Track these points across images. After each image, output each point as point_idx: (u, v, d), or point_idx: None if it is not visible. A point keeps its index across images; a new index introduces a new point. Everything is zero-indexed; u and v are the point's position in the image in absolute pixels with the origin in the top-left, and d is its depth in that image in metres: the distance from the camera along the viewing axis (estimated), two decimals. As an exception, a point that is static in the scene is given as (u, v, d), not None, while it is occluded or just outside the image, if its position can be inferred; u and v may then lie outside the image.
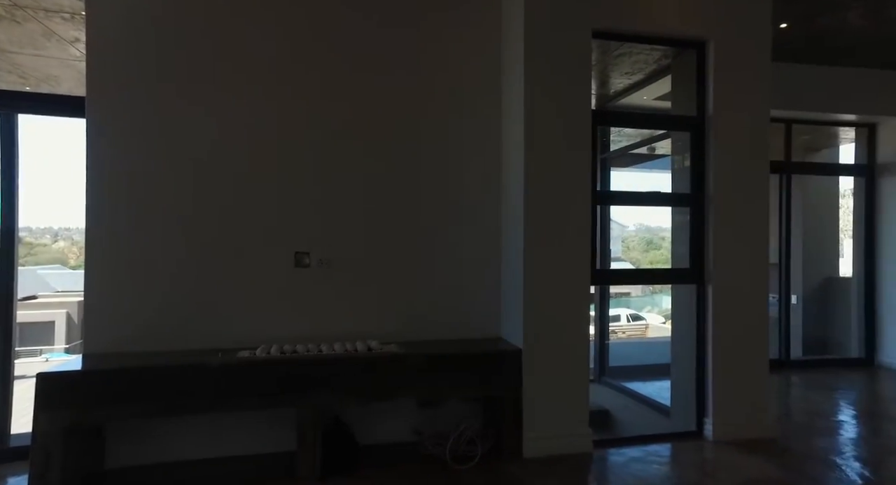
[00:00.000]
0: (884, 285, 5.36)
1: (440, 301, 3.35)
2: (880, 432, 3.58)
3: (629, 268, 4.48)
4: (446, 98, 3.39)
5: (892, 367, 5.25)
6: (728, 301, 3.36)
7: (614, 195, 4.04)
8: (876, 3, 3.80)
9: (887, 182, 5.35)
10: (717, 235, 3.36)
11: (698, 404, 3.42)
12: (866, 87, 5.13)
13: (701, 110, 3.43)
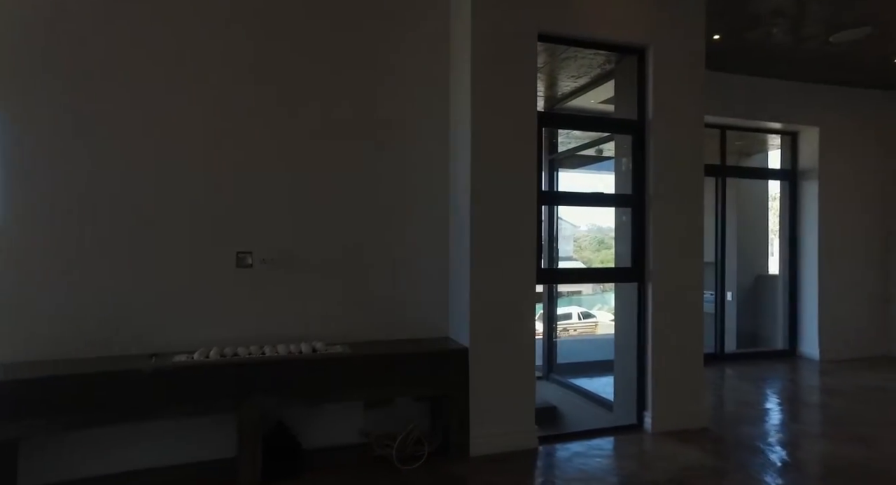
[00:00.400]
0: (804, 282, 5.74)
1: (388, 301, 3.32)
2: (799, 418, 3.84)
3: (575, 267, 4.60)
4: (395, 100, 3.35)
5: (811, 357, 5.64)
6: (666, 299, 3.51)
7: (560, 196, 4.14)
8: (794, 21, 4.07)
9: (807, 186, 5.74)
10: (657, 235, 3.50)
11: (639, 398, 3.55)
12: (789, 98, 5.49)
13: (641, 114, 3.56)
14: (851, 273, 5.74)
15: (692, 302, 3.58)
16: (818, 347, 5.59)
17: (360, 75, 3.28)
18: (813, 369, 5.23)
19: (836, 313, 5.64)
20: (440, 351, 3.08)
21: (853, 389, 4.51)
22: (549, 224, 4.80)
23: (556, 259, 4.83)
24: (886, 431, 3.50)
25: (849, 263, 5.73)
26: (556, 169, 4.92)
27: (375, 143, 3.31)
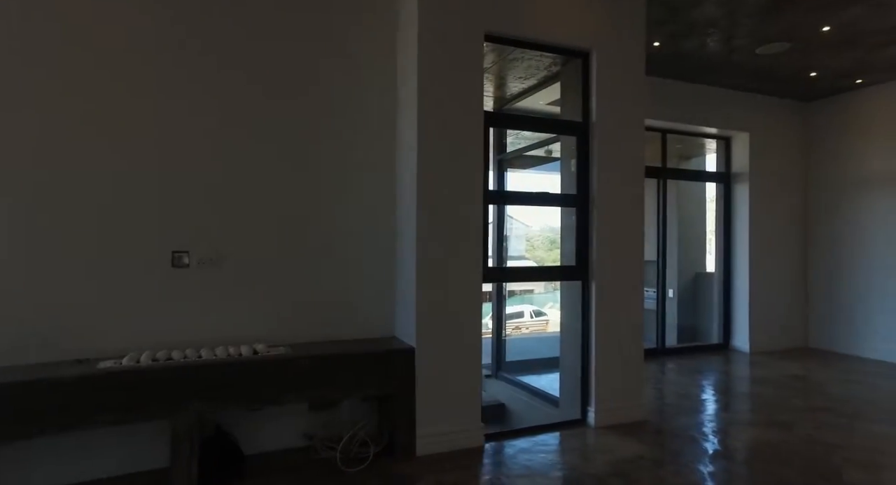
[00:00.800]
0: (736, 279, 6.08)
1: (333, 302, 3.27)
2: (730, 407, 4.06)
3: (521, 265, 4.68)
4: (342, 97, 3.31)
5: (742, 350, 5.98)
6: (609, 297, 3.61)
7: (507, 195, 4.17)
8: (726, 33, 4.29)
9: (739, 189, 6.08)
10: (600, 234, 3.60)
11: (582, 393, 3.64)
12: (722, 105, 5.79)
13: (585, 116, 3.65)
14: (777, 271, 6.13)
15: (633, 300, 3.71)
16: (748, 340, 5.93)
17: (302, 68, 3.21)
18: (744, 361, 5.54)
19: (764, 308, 6.01)
20: (386, 351, 3.05)
21: (777, 378, 4.81)
22: (499, 223, 4.86)
23: (506, 258, 4.89)
24: (803, 416, 3.75)
25: (775, 262, 6.11)
26: (505, 169, 4.98)
27: (322, 141, 3.24)
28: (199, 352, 2.73)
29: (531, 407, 4.37)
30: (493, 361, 5.04)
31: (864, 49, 4.67)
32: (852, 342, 5.80)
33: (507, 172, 5.05)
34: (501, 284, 4.91)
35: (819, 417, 3.76)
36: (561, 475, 2.84)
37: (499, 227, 4.82)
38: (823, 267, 6.13)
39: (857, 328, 5.76)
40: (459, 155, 3.18)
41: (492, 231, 4.96)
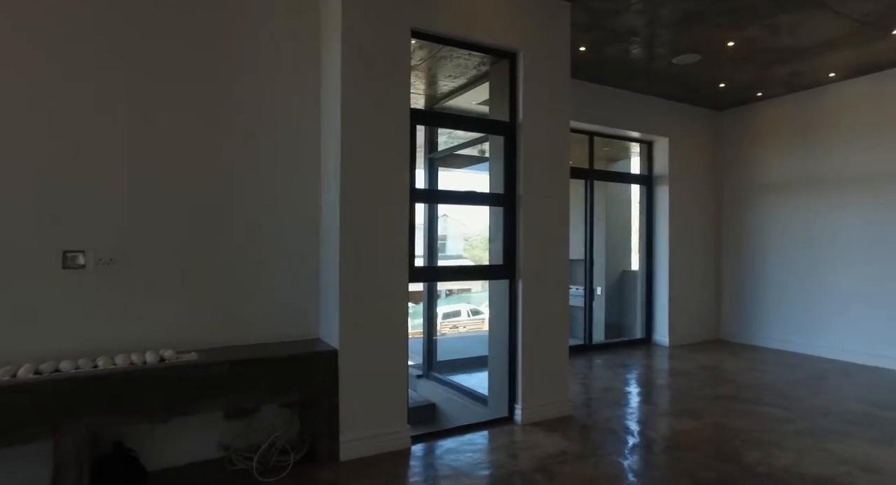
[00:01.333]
0: (657, 277, 6.41)
1: (252, 303, 3.10)
2: (649, 399, 4.25)
3: (450, 265, 4.69)
4: (263, 92, 3.14)
5: (662, 343, 6.31)
6: (535, 294, 3.67)
7: (434, 193, 4.14)
8: (645, 41, 4.50)
9: (660, 191, 6.41)
10: (527, 233, 3.65)
11: (510, 391, 3.68)
12: (644, 110, 6.08)
13: (513, 116, 3.69)
14: (694, 268, 6.52)
15: (559, 298, 3.79)
16: (668, 334, 6.26)
17: (221, 57, 3.02)
18: (663, 354, 5.84)
19: (682, 304, 6.37)
20: (307, 354, 2.93)
21: (693, 369, 5.10)
22: (430, 222, 4.83)
23: (437, 257, 4.87)
24: (713, 404, 4.00)
25: (691, 260, 6.50)
26: (436, 168, 4.96)
27: (234, 134, 3.07)
28: (96, 361, 2.50)
29: (461, 407, 4.37)
30: (424, 362, 5.01)
31: (761, 65, 5.05)
32: (756, 334, 6.27)
33: (438, 171, 5.03)
34: (433, 283, 4.88)
35: (726, 404, 4.01)
36: (486, 474, 2.84)
37: (430, 226, 4.79)
38: (732, 264, 6.59)
39: (759, 321, 6.23)
40: (385, 153, 3.11)
41: (424, 230, 4.93)
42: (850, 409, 3.91)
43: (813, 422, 3.62)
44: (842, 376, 4.88)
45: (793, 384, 4.57)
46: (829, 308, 5.61)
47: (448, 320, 17.12)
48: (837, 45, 4.60)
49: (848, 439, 3.31)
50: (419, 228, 4.85)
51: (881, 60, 4.97)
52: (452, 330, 15.93)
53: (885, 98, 5.21)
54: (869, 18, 4.09)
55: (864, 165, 5.37)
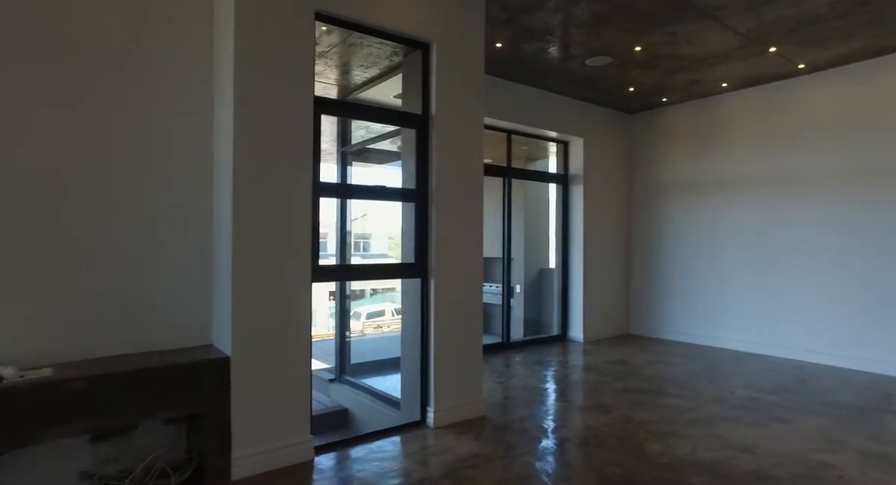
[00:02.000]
0: (572, 274, 6.58)
1: (133, 309, 2.75)
2: (561, 396, 4.31)
3: (358, 263, 4.51)
4: (146, 81, 2.78)
5: (577, 339, 6.49)
6: (448, 293, 3.57)
7: (340, 188, 3.89)
8: (561, 41, 4.55)
9: (575, 190, 6.59)
10: (440, 230, 3.54)
11: (422, 394, 3.55)
12: (561, 111, 6.21)
13: (425, 109, 3.57)
14: (606, 265, 6.76)
15: (473, 297, 3.71)
16: (582, 330, 6.44)
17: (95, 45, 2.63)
18: (578, 350, 5.99)
19: (596, 300, 6.58)
20: (193, 363, 2.62)
21: (604, 364, 5.25)
22: (342, 218, 4.60)
23: (349, 255, 4.65)
24: (621, 398, 4.11)
25: (604, 257, 6.74)
26: (349, 162, 4.74)
27: (116, 127, 2.69)
28: (-85, 382, 2.07)
29: (375, 411, 4.20)
30: (336, 364, 4.78)
31: (665, 72, 5.31)
32: (662, 328, 6.61)
33: (351, 166, 4.81)
34: (343, 283, 4.66)
35: (633, 397, 4.14)
36: (393, 484, 2.69)
37: (342, 222, 4.57)
38: (640, 261, 6.91)
39: (665, 315, 6.58)
40: (285, 144, 2.87)
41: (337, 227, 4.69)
42: (738, 396, 4.17)
43: (708, 410, 3.81)
44: (734, 364, 5.22)
45: (692, 375, 4.82)
46: (725, 301, 6.01)
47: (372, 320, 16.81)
48: (727, 58, 4.91)
49: (735, 425, 3.51)
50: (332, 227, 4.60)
51: (764, 74, 5.38)
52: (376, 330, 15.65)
53: (769, 109, 5.66)
54: (752, 34, 4.39)
55: (754, 168, 5.80)
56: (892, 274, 4.82)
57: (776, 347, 5.57)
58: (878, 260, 4.91)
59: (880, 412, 3.80)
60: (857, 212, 5.05)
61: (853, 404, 3.97)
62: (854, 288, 5.05)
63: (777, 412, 3.78)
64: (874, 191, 4.94)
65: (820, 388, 4.41)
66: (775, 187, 5.63)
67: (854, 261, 5.06)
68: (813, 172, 5.36)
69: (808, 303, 5.35)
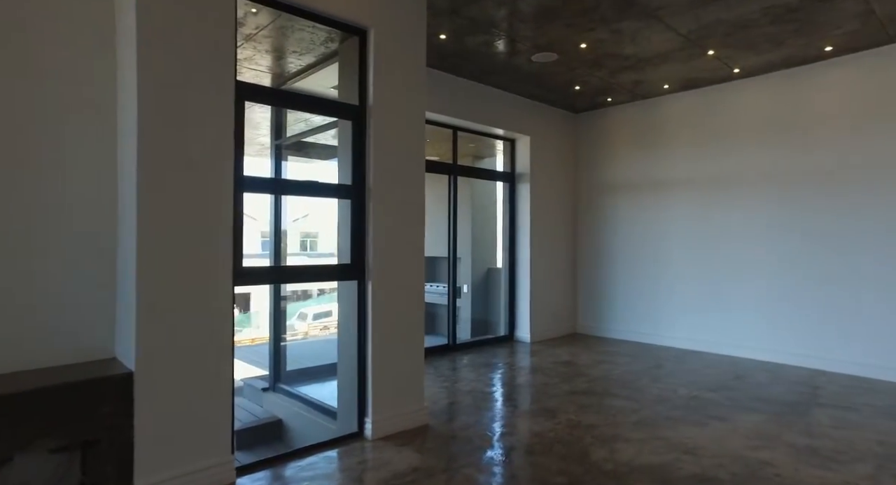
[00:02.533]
0: (519, 273, 6.52)
1: (19, 321, 2.37)
2: (507, 400, 4.19)
3: (287, 265, 4.19)
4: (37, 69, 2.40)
5: (524, 340, 6.43)
6: (387, 296, 3.36)
7: (268, 183, 3.54)
8: (506, 35, 4.43)
9: (522, 188, 6.52)
10: (377, 229, 3.32)
11: (359, 403, 3.33)
12: (507, 108, 6.12)
13: (362, 99, 3.34)
14: (553, 265, 6.74)
15: (414, 299, 3.52)
16: (529, 330, 6.38)
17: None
18: (524, 351, 5.92)
19: (542, 300, 6.54)
20: (87, 380, 2.29)
21: (550, 365, 5.19)
22: (276, 217, 4.29)
23: (284, 255, 4.34)
24: (567, 401, 4.03)
25: (551, 256, 6.71)
26: (284, 156, 4.42)
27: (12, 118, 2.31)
28: None
29: (310, 422, 3.93)
30: (271, 372, 4.46)
31: (609, 71, 5.31)
32: (608, 326, 6.67)
33: (286, 161, 4.49)
34: (278, 285, 4.35)
35: (579, 399, 4.08)
36: (322, 507, 2.46)
37: (275, 221, 4.25)
38: (586, 261, 6.94)
39: (610, 314, 6.64)
40: (201, 134, 2.57)
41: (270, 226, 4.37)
42: (681, 395, 4.20)
43: (652, 411, 3.80)
44: (676, 363, 5.30)
45: (637, 374, 4.83)
46: (667, 300, 6.12)
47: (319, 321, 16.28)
48: (669, 59, 4.96)
49: (678, 425, 3.50)
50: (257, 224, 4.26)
51: (702, 77, 5.49)
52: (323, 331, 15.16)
53: (707, 111, 5.79)
54: (692, 36, 4.43)
55: (693, 169, 5.92)
56: (818, 272, 5.03)
57: (715, 345, 5.71)
58: (806, 258, 5.10)
59: (809, 406, 3.91)
60: (786, 211, 5.24)
61: (785, 399, 4.07)
62: (785, 286, 5.23)
63: (717, 410, 3.81)
64: (802, 191, 5.14)
65: (754, 384, 4.51)
66: (712, 188, 5.77)
67: (785, 259, 5.24)
68: (746, 173, 5.52)
69: (743, 301, 5.50)
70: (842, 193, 4.91)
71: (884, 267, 4.68)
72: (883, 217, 4.69)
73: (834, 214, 4.96)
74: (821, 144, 5.04)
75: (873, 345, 4.73)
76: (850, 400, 4.06)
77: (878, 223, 4.71)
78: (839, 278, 4.91)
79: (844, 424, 3.54)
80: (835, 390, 4.35)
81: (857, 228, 4.83)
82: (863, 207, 4.80)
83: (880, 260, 4.70)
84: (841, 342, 4.90)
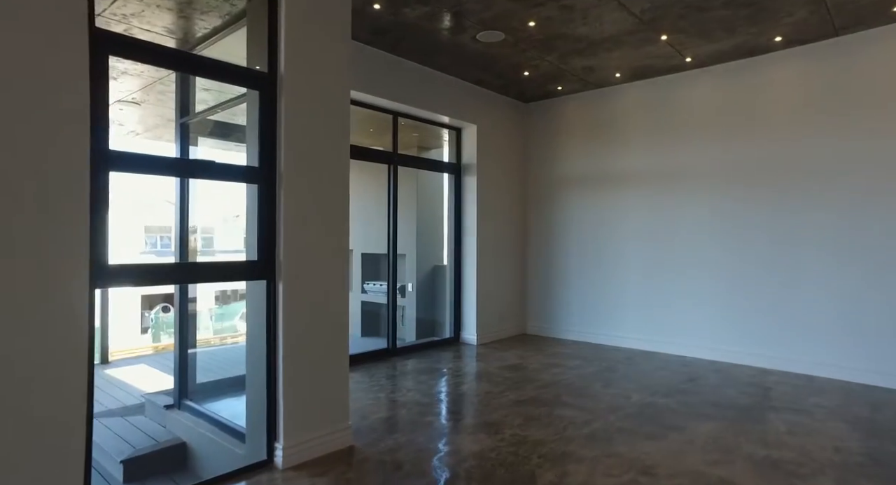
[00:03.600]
0: (465, 272, 6.12)
1: None
2: (446, 413, 3.76)
3: (170, 262, 3.61)
4: None
5: (470, 342, 6.04)
6: (302, 299, 2.86)
7: (141, 161, 2.71)
8: (451, 9, 3.99)
9: (468, 180, 6.12)
10: (291, 220, 2.81)
11: (269, 425, 2.81)
12: (454, 94, 5.69)
13: (273, 67, 2.81)
14: (501, 262, 6.38)
15: (335, 303, 3.03)
16: (476, 332, 6.00)
17: None
18: (470, 355, 5.52)
19: (490, 299, 6.17)
20: None
21: (496, 371, 4.81)
22: (181, 205, 3.68)
23: (188, 250, 3.72)
24: (514, 412, 3.65)
25: (499, 253, 6.35)
26: (190, 136, 3.80)
27: None
28: None
29: (217, 446, 3.36)
30: (176, 386, 3.84)
31: (560, 55, 4.98)
32: (559, 327, 6.38)
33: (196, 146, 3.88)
34: (183, 286, 3.74)
35: (526, 410, 3.70)
36: (202, 567, 1.94)
37: (181, 211, 3.64)
38: (536, 258, 6.63)
39: (561, 314, 6.35)
40: (39, 90, 1.98)
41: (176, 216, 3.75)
42: (634, 401, 3.91)
43: (605, 421, 3.47)
44: (628, 365, 5.04)
45: (588, 379, 4.52)
46: (618, 299, 5.88)
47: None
48: (621, 43, 4.67)
49: (633, 438, 3.19)
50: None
51: (654, 65, 5.26)
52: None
53: (658, 103, 5.58)
54: (645, 17, 4.15)
55: (644, 163, 5.70)
56: (766, 269, 4.89)
57: (666, 344, 5.51)
58: (754, 254, 4.96)
59: (763, 410, 3.70)
60: (735, 208, 5.08)
61: (739, 403, 3.86)
62: (733, 284, 5.08)
63: (672, 419, 3.53)
64: (748, 186, 4.99)
65: (707, 386, 4.30)
66: (664, 183, 5.56)
67: (734, 256, 5.09)
68: (696, 168, 5.33)
69: (693, 299, 5.32)
70: (790, 188, 4.79)
71: (831, 264, 4.58)
72: (832, 214, 4.58)
73: (782, 210, 4.82)
74: (769, 139, 4.90)
75: (820, 343, 4.62)
76: (802, 402, 3.90)
77: (827, 220, 4.60)
78: (787, 276, 4.79)
79: (799, 429, 3.34)
80: (785, 390, 4.19)
81: (804, 225, 4.71)
82: (812, 204, 4.68)
83: (827, 257, 4.59)
84: (788, 341, 4.78)
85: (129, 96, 4.83)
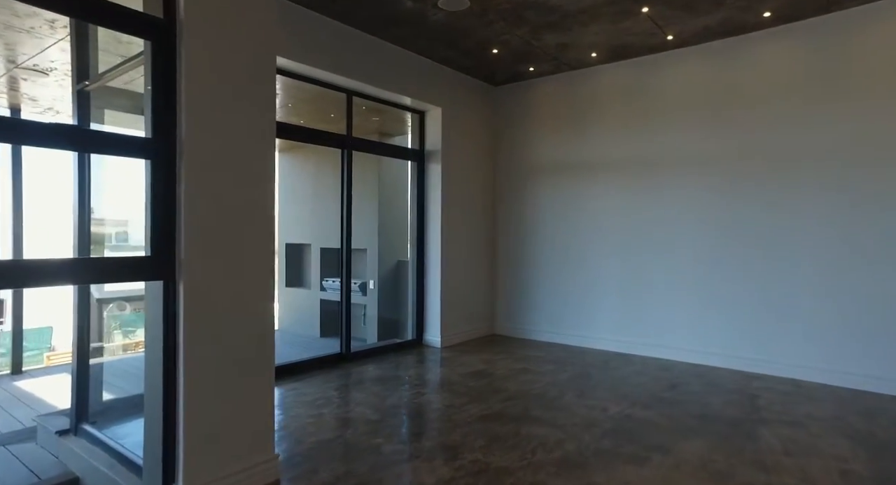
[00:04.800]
0: (429, 268, 5.60)
1: None
2: (402, 433, 3.25)
3: (29, 259, 3.00)
4: None
5: (434, 344, 5.54)
6: (212, 302, 2.30)
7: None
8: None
9: (432, 168, 5.60)
10: (196, 205, 2.25)
11: (165, 461, 2.25)
12: (415, 73, 5.15)
13: (171, 11, 2.23)
14: (468, 257, 5.89)
15: (256, 309, 2.48)
16: (440, 334, 5.50)
17: None
18: (433, 359, 5.02)
19: (456, 298, 5.68)
20: None
21: (460, 379, 4.32)
22: (81, 197, 3.03)
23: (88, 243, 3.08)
24: (476, 431, 3.16)
25: (466, 248, 5.86)
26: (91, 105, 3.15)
27: None
28: None
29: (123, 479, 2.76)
30: (73, 407, 3.21)
31: (531, 29, 4.49)
32: (530, 327, 5.93)
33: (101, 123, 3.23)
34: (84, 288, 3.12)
35: (491, 427, 3.22)
36: None
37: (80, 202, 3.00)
38: (506, 253, 6.16)
39: (533, 314, 5.91)
40: None
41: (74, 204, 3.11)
42: (611, 414, 3.48)
43: (580, 441, 3.02)
44: (603, 369, 4.63)
45: (561, 388, 4.07)
46: (593, 298, 5.46)
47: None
48: (598, 15, 4.21)
49: (612, 463, 2.74)
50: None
51: (633, 44, 4.83)
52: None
53: (636, 86, 5.16)
54: (631, -18, 3.71)
55: (622, 152, 5.28)
56: (751, 268, 4.54)
57: (644, 346, 5.12)
58: (739, 252, 4.60)
59: (753, 423, 3.32)
60: (719, 201, 4.71)
61: (726, 415, 3.47)
62: (716, 283, 4.71)
63: (654, 436, 3.11)
64: (734, 177, 4.62)
65: (690, 394, 3.91)
66: (642, 172, 5.15)
67: (717, 253, 4.72)
68: (677, 157, 4.94)
69: (673, 298, 4.95)
70: (776, 179, 4.43)
71: (820, 264, 4.24)
72: (823, 207, 4.24)
73: (769, 202, 4.47)
74: (754, 127, 4.54)
75: (806, 345, 4.29)
76: (793, 412, 3.54)
77: (817, 213, 4.26)
78: (771, 274, 4.44)
79: (795, 447, 2.96)
80: (773, 398, 3.84)
81: (792, 218, 4.36)
82: (801, 196, 4.33)
83: (817, 257, 4.26)
84: (773, 343, 4.44)
85: (30, 62, 4.13)
